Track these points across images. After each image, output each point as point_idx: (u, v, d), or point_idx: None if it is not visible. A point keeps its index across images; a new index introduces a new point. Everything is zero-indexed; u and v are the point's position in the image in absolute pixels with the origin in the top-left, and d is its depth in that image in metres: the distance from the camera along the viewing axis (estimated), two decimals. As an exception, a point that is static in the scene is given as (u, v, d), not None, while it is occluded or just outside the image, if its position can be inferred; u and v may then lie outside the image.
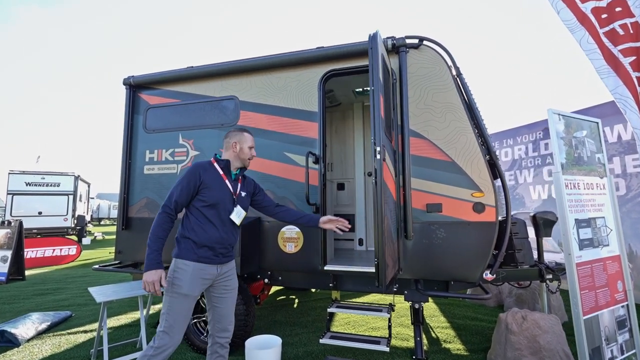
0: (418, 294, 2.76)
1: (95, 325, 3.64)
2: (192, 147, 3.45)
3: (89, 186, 16.14)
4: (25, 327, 3.28)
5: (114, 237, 4.06)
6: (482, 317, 3.72)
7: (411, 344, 3.02)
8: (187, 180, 1.91)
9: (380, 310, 2.65)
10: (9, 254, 5.97)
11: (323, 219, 2.22)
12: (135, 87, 3.73)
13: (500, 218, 2.62)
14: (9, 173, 11.66)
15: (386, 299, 4.42)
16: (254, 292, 3.29)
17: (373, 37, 2.28)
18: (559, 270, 2.98)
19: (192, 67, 3.53)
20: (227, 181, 2.02)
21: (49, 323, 3.53)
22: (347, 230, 2.25)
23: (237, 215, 2.04)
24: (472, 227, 2.58)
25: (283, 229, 3.03)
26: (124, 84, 3.73)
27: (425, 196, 2.70)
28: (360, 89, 4.13)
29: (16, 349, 3.04)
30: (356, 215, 4.31)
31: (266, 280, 3.16)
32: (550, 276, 2.95)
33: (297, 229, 2.99)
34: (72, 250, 8.29)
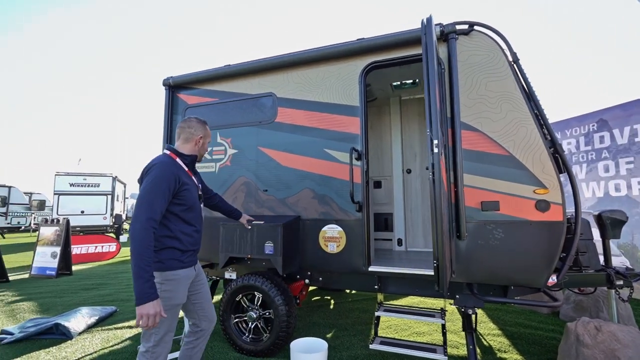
0: (472, 299, 2.57)
1: (139, 321, 3.73)
2: (230, 145, 3.43)
3: (124, 186, 16.95)
4: (76, 321, 3.41)
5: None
6: (536, 324, 3.43)
7: (462, 351, 2.82)
8: (167, 185, 1.62)
9: (433, 316, 2.48)
10: (58, 250, 6.32)
11: (242, 218, 2.52)
12: (174, 87, 3.77)
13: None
14: (56, 174, 12.45)
15: (426, 302, 4.22)
16: (294, 292, 3.21)
17: (427, 22, 2.12)
18: (632, 276, 2.67)
19: (229, 65, 3.52)
20: (193, 177, 1.86)
21: (97, 317, 3.66)
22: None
23: (203, 212, 2.01)
24: (535, 227, 2.35)
25: (324, 228, 2.93)
26: (164, 84, 3.78)
27: (480, 193, 2.50)
28: (398, 83, 3.95)
29: (69, 341, 3.16)
30: (394, 215, 4.13)
31: (307, 281, 3.08)
32: (620, 282, 2.65)
33: (339, 228, 2.88)
34: (112, 247, 8.69)
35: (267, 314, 2.87)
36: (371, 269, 2.76)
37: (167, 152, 1.82)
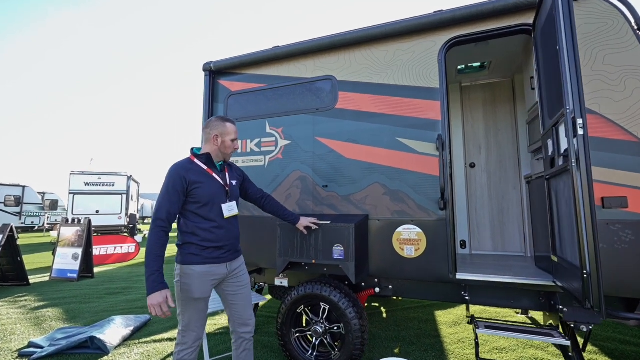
0: (587, 313, 2.15)
1: (178, 332, 3.37)
2: (282, 136, 3.06)
3: (138, 186, 16.75)
4: (111, 332, 3.07)
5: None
6: (633, 340, 2.99)
7: (565, 374, 2.40)
8: (173, 186, 1.74)
9: (550, 335, 2.07)
10: (79, 251, 6.03)
11: (303, 221, 2.34)
12: (215, 73, 3.42)
13: None
14: (71, 174, 12.26)
15: (488, 310, 3.79)
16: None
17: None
18: None
19: (278, 46, 3.15)
20: (214, 175, 1.89)
21: (132, 328, 3.31)
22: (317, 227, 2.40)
23: (229, 209, 1.90)
24: (680, 229, 1.93)
25: (399, 229, 2.54)
26: (204, 70, 3.43)
27: (599, 187, 2.08)
28: (463, 66, 3.54)
29: (105, 357, 2.81)
30: (456, 214, 3.72)
31: (377, 290, 2.69)
32: None
33: (418, 229, 2.49)
34: (132, 248, 8.40)
35: (336, 328, 2.49)
36: (460, 276, 2.36)
37: (190, 155, 1.92)
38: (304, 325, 2.69)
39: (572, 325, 2.21)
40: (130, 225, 14.08)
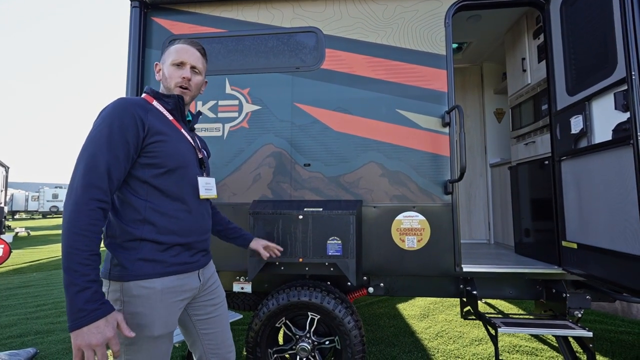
0: (579, 299, 2.13)
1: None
2: (248, 99, 2.36)
3: (6, 170, 12.98)
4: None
5: (46, 233, 2.73)
6: (625, 329, 3.22)
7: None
8: (120, 130, 0.99)
9: (568, 327, 1.93)
10: None
11: (256, 243, 1.58)
12: (150, 6, 2.48)
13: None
14: None
15: (447, 302, 3.77)
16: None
17: None
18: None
19: (244, -18, 2.41)
20: (182, 130, 1.20)
21: (3, 373, 2.19)
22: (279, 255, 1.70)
23: (206, 186, 1.22)
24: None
25: (399, 217, 2.16)
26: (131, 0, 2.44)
27: None
28: (459, 43, 3.31)
29: None
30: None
31: (370, 290, 2.27)
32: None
33: (421, 217, 2.14)
34: (-2, 251, 6.25)
35: (328, 343, 1.98)
36: (466, 269, 2.10)
37: (144, 94, 1.18)
38: (281, 342, 2.11)
39: (567, 312, 2.19)
40: (-6, 222, 10.80)
